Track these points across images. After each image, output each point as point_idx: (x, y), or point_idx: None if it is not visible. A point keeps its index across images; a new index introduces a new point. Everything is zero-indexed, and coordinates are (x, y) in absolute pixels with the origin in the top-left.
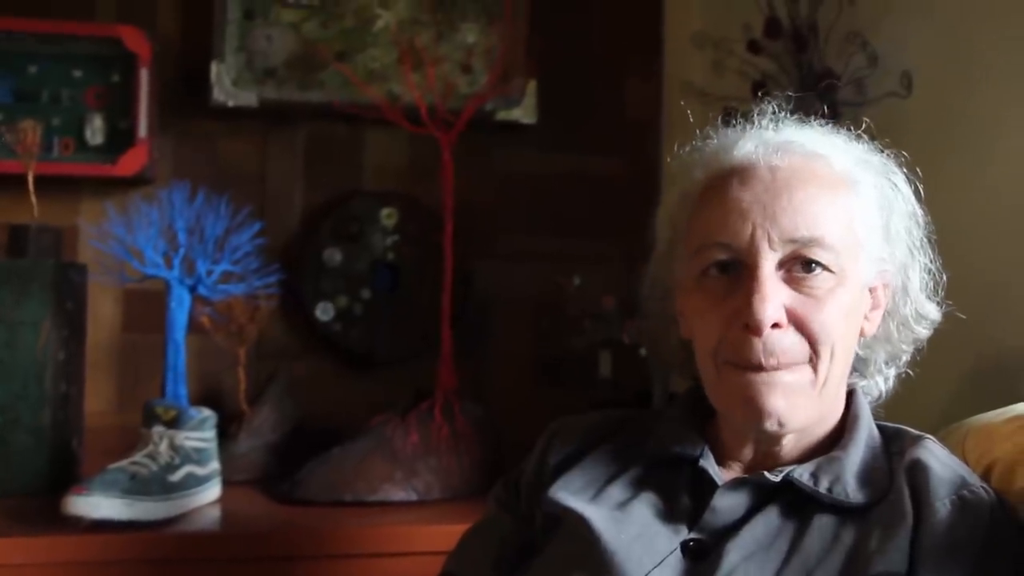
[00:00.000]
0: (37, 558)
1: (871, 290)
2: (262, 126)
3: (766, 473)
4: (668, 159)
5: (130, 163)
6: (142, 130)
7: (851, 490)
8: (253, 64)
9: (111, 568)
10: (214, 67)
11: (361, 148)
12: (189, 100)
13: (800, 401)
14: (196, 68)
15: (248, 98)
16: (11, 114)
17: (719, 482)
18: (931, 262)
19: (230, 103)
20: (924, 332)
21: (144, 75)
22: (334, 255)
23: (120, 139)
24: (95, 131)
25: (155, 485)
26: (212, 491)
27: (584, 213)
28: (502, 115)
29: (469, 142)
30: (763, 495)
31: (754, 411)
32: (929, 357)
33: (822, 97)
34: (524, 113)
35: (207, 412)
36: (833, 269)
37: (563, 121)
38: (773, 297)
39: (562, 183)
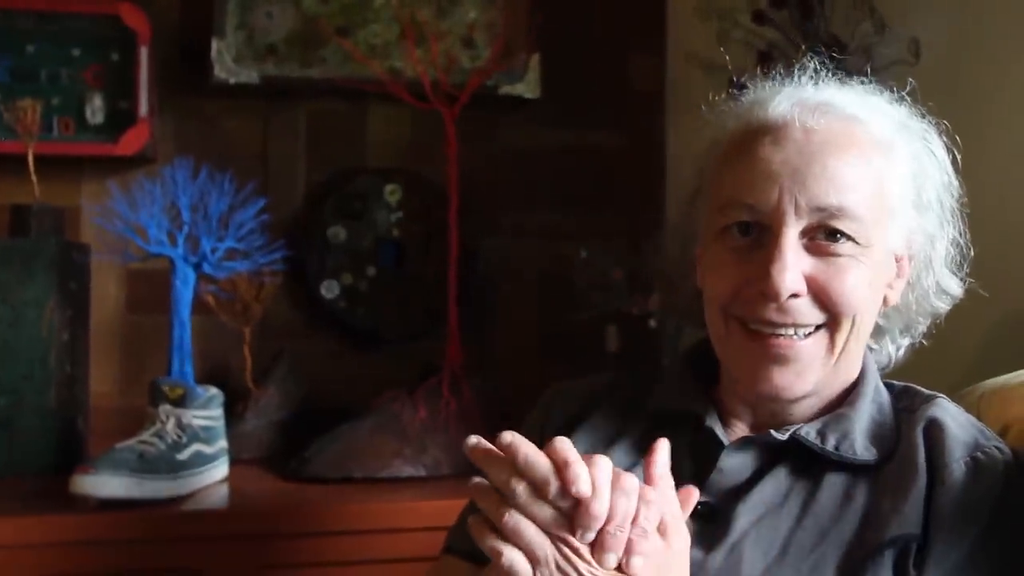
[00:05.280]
0: (45, 538)
1: (897, 259)
2: (264, 103)
3: (772, 432)
4: (673, 131)
5: (131, 142)
6: (143, 109)
7: (859, 448)
8: (254, 41)
9: (119, 547)
10: (215, 44)
11: (363, 125)
12: (190, 78)
13: (810, 372)
14: (196, 46)
15: (249, 75)
16: (9, 94)
17: (725, 442)
18: (960, 235)
19: (231, 80)
20: (943, 307)
21: (144, 53)
22: (338, 233)
23: (121, 118)
24: (95, 110)
25: (163, 464)
26: (220, 469)
27: (589, 187)
28: (505, 90)
29: (472, 117)
30: (770, 455)
31: (759, 380)
32: (944, 321)
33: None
34: (527, 88)
35: (214, 390)
36: (858, 239)
37: (566, 95)
38: (794, 267)
39: (566, 157)
